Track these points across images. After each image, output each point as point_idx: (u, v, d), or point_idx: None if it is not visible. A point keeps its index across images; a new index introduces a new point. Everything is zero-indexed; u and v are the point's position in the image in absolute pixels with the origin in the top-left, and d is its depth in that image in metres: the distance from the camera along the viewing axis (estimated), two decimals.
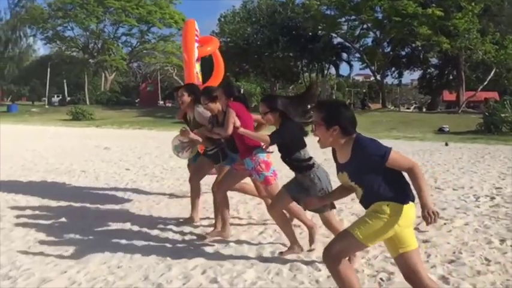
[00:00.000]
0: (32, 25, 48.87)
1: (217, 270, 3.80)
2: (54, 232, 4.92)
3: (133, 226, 5.12)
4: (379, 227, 2.66)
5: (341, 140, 2.77)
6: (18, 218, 5.52)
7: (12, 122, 29.97)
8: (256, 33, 36.91)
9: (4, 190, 7.08)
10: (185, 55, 5.90)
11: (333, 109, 2.82)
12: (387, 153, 2.63)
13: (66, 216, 5.58)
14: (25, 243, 4.53)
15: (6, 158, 10.84)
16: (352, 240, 2.70)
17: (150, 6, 43.83)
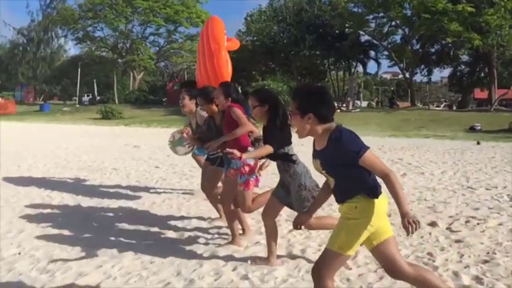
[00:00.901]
0: (63, 26, 49.96)
1: (247, 267, 3.84)
2: (89, 228, 5.06)
3: (165, 223, 5.21)
4: (353, 232, 2.58)
5: (318, 128, 2.65)
6: (53, 214, 5.70)
7: (44, 121, 30.78)
8: (282, 31, 36.82)
9: (40, 187, 7.32)
10: (213, 45, 5.88)
11: (306, 96, 2.69)
12: (362, 152, 2.49)
13: (99, 212, 5.73)
14: (61, 238, 4.67)
15: (41, 156, 11.16)
16: (332, 255, 2.61)
17: (177, 6, 44.28)
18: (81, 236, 4.75)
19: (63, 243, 4.48)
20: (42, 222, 5.30)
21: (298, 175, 3.72)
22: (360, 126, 20.24)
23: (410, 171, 8.85)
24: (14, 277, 3.71)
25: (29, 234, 4.80)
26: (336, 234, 2.64)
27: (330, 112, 2.65)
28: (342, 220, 2.65)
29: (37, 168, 9.30)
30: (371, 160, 2.51)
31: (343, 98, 39.09)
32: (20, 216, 5.56)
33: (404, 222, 2.40)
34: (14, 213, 5.67)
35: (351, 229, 2.59)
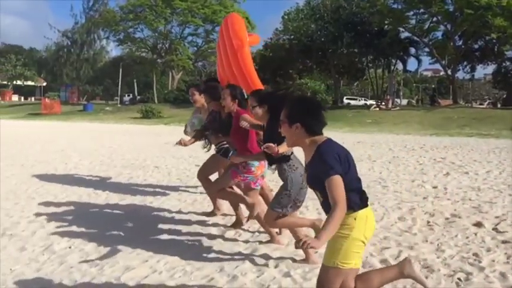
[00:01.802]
0: (105, 28, 51.23)
1: (289, 264, 3.88)
2: (134, 223, 5.22)
3: (207, 220, 5.31)
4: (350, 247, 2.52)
5: (306, 139, 2.62)
6: (100, 210, 5.91)
7: (88, 120, 31.76)
8: (320, 29, 36.55)
9: (86, 184, 7.60)
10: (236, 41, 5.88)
11: (295, 106, 2.68)
12: (327, 176, 2.42)
13: (143, 209, 5.89)
14: (108, 233, 4.84)
15: (86, 154, 11.54)
16: (333, 271, 2.54)
17: (215, 6, 44.68)
18: (127, 232, 4.90)
19: (110, 238, 4.64)
20: (89, 217, 5.52)
21: (290, 182, 3.72)
22: (400, 125, 19.91)
23: (453, 170, 8.65)
24: (66, 269, 3.88)
25: (78, 229, 5.00)
26: (332, 251, 2.57)
27: (318, 125, 2.62)
28: (336, 236, 2.50)
29: (83, 165, 9.64)
30: (331, 187, 2.41)
31: (382, 96, 38.45)
32: (69, 211, 5.79)
33: (302, 242, 2.28)
34: (63, 209, 5.91)
35: (349, 242, 2.52)
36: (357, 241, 2.53)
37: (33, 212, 5.75)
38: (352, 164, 2.64)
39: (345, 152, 2.61)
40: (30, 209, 5.94)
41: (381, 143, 13.76)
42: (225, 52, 6.05)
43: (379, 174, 8.12)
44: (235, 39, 5.77)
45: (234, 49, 5.79)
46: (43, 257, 4.16)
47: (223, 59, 6.23)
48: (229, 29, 5.93)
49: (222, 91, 4.46)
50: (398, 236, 4.54)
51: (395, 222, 5.02)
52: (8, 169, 9.13)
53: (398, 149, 12.11)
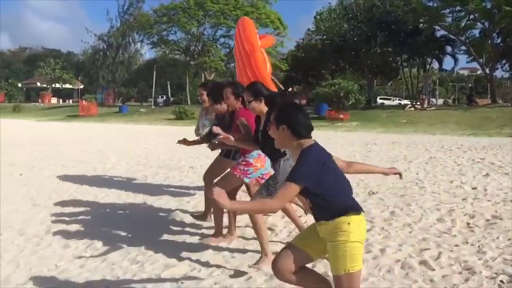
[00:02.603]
0: (139, 31, 52.16)
1: (326, 264, 3.86)
2: (172, 222, 5.32)
3: (243, 219, 5.35)
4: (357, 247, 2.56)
5: (292, 142, 2.67)
6: (139, 208, 6.05)
7: (123, 121, 32.43)
8: (353, 29, 36.22)
9: (125, 183, 7.79)
10: (248, 46, 5.84)
11: (282, 108, 2.75)
12: (291, 178, 2.50)
13: (181, 208, 5.98)
14: (147, 231, 4.96)
15: (123, 154, 11.81)
16: (349, 277, 2.56)
17: (247, 7, 44.84)
18: (165, 230, 5.00)
19: (150, 237, 4.75)
20: (128, 216, 5.66)
21: (278, 169, 3.72)
22: (436, 125, 19.51)
23: (493, 171, 8.42)
24: (108, 266, 3.99)
25: (118, 227, 5.14)
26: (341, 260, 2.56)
27: (303, 129, 2.65)
28: (336, 245, 2.57)
29: (120, 166, 9.87)
30: (288, 189, 2.50)
31: (417, 95, 37.74)
32: (109, 210, 5.96)
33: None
34: (103, 208, 6.09)
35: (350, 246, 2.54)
36: (356, 243, 2.56)
37: (75, 211, 5.94)
38: (334, 170, 2.64)
39: (323, 160, 2.59)
40: (72, 207, 6.15)
41: (416, 143, 13.51)
42: (240, 56, 6.07)
43: (416, 175, 7.99)
44: (247, 43, 5.77)
45: (247, 53, 5.80)
46: (86, 254, 4.30)
47: (239, 63, 6.26)
48: (241, 34, 5.95)
49: (224, 90, 4.39)
50: (437, 238, 4.47)
51: (434, 224, 4.94)
52: (50, 169, 9.45)
53: (435, 149, 11.87)
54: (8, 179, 8.42)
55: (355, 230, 2.55)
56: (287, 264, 2.73)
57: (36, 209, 6.10)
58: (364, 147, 12.57)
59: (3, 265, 4.11)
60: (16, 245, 4.63)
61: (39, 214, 5.83)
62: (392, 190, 6.74)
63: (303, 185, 2.51)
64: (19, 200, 6.68)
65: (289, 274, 2.74)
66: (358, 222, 2.59)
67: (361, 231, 2.61)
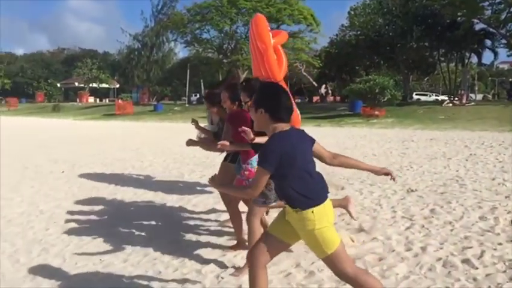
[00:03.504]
0: (173, 30, 52.84)
1: (366, 262, 3.85)
2: (210, 219, 5.39)
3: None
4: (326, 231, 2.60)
5: (270, 125, 2.65)
6: (176, 205, 6.15)
7: (158, 120, 32.93)
8: (388, 24, 35.59)
9: (162, 180, 7.95)
10: (260, 44, 5.77)
11: (260, 91, 2.77)
12: (259, 164, 2.58)
13: (217, 205, 6.05)
14: (186, 227, 5.05)
15: (160, 152, 12.01)
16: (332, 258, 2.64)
17: (279, 4, 44.68)
18: (203, 226, 5.08)
19: (188, 232, 4.84)
20: (167, 212, 5.78)
21: None
22: (475, 121, 18.97)
23: None
24: (150, 261, 4.09)
25: (157, 223, 5.25)
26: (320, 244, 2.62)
27: (281, 111, 2.64)
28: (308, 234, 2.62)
29: (157, 163, 10.05)
30: (258, 175, 2.57)
31: (455, 91, 36.77)
32: (148, 207, 6.09)
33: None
34: (143, 204, 6.23)
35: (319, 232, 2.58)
36: (325, 228, 2.59)
37: (115, 207, 6.10)
38: (301, 159, 2.61)
39: (286, 149, 2.55)
40: (112, 204, 6.32)
41: (455, 140, 13.17)
42: (255, 53, 6.02)
43: (456, 173, 7.80)
44: (260, 42, 5.66)
45: (260, 52, 5.70)
46: (129, 249, 4.41)
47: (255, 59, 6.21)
48: (254, 32, 5.89)
49: (222, 94, 4.32)
50: (480, 236, 4.37)
51: (476, 222, 4.83)
52: (90, 167, 9.72)
53: (475, 146, 11.54)
54: (51, 176, 8.72)
55: (320, 218, 2.57)
56: (263, 257, 2.78)
57: (78, 205, 6.30)
58: (401, 144, 12.35)
59: (50, 258, 4.27)
60: (61, 240, 4.79)
61: (81, 210, 6.02)
62: (431, 187, 6.61)
63: (267, 169, 2.53)
64: (62, 196, 6.91)
65: (262, 269, 2.78)
66: (323, 208, 2.60)
67: (328, 216, 2.62)
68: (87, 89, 66.42)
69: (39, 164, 10.26)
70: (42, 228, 5.26)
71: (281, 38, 6.41)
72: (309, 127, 20.84)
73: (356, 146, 12.21)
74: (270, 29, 6.12)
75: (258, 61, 5.87)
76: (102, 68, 67.37)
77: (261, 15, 6.32)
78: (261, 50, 5.62)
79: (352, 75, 39.74)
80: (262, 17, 6.07)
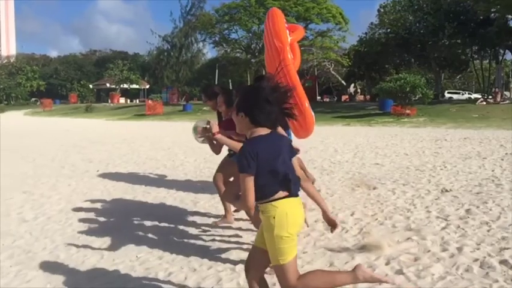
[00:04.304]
0: (201, 31, 53.32)
1: (401, 262, 3.82)
2: (241, 217, 5.42)
3: (312, 215, 5.37)
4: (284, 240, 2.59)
5: (248, 130, 2.66)
6: (208, 203, 6.23)
7: (188, 119, 33.24)
8: (418, 21, 34.99)
9: (194, 179, 8.06)
10: (277, 42, 5.53)
11: (242, 95, 2.76)
12: (240, 170, 2.54)
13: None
14: (219, 225, 5.10)
15: (190, 151, 12.16)
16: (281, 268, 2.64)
17: (307, 3, 44.50)
18: (236, 225, 5.13)
19: (222, 230, 4.90)
20: (201, 210, 5.85)
21: None
22: (510, 120, 18.46)
23: None
24: (185, 258, 4.16)
25: (191, 220, 5.33)
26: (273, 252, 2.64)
27: (262, 116, 2.61)
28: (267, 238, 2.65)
29: (189, 162, 10.19)
30: (242, 181, 2.53)
31: (488, 89, 35.86)
32: (182, 205, 6.19)
33: None
34: (177, 203, 6.34)
35: (278, 241, 2.59)
36: (282, 238, 2.57)
37: (149, 206, 6.24)
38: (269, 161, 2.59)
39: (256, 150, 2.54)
40: (146, 203, 6.45)
41: (490, 139, 12.86)
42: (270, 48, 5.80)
43: (492, 172, 7.63)
44: (277, 40, 5.53)
45: (276, 49, 5.57)
46: (163, 246, 4.50)
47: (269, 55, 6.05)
48: (270, 28, 5.69)
49: (218, 98, 4.32)
50: None
51: None
52: (123, 166, 9.94)
53: (510, 145, 11.25)
54: (86, 175, 8.95)
55: (279, 224, 2.57)
56: (254, 272, 2.81)
57: (114, 204, 6.46)
58: (434, 144, 12.15)
59: (88, 255, 4.40)
60: (99, 237, 4.92)
61: (116, 208, 6.18)
62: (466, 188, 6.49)
63: (247, 172, 2.52)
64: (98, 194, 7.09)
65: (256, 283, 2.81)
66: (285, 215, 2.58)
67: (288, 225, 2.58)
68: (118, 89, 67.65)
69: (75, 163, 10.54)
70: (80, 225, 5.42)
71: (298, 34, 6.25)
72: (338, 126, 20.71)
73: (387, 145, 12.07)
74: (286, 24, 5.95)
75: (273, 57, 5.76)
76: (132, 69, 68.51)
77: (277, 9, 6.10)
78: (278, 48, 5.50)
79: (382, 73, 39.24)
80: (278, 11, 5.91)
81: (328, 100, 49.44)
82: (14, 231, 5.26)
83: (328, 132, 17.53)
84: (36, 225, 5.50)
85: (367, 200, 5.99)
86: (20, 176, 9.04)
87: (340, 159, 9.76)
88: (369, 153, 10.66)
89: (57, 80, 78.83)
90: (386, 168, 8.44)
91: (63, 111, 49.82)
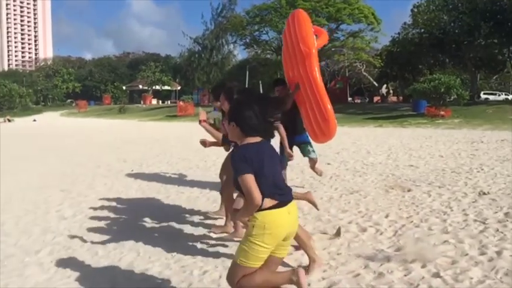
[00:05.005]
0: (232, 32, 53.63)
1: (437, 265, 3.75)
2: None
3: (346, 217, 5.34)
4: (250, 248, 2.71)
5: (240, 139, 2.83)
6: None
7: None
8: (453, 21, 34.17)
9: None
10: (303, 47, 5.39)
11: (233, 106, 2.96)
12: (237, 174, 2.66)
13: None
14: None
15: (223, 152, 12.22)
16: (237, 267, 2.77)
17: (339, 4, 44.15)
18: None
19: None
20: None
21: None
22: None
23: None
24: (219, 257, 4.20)
25: (223, 220, 5.37)
26: (239, 251, 2.78)
27: (248, 127, 2.78)
28: (244, 236, 2.81)
29: (220, 163, 10.21)
30: (243, 182, 2.63)
31: None
32: (216, 204, 6.24)
33: None
34: (210, 203, 6.41)
35: (249, 245, 2.72)
36: (255, 245, 2.70)
37: (183, 205, 6.32)
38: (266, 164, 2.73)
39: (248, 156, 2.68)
40: (180, 201, 6.55)
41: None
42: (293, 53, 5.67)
43: None
44: (303, 45, 5.38)
45: (302, 54, 5.43)
46: (198, 245, 4.56)
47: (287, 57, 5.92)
48: (296, 31, 5.56)
49: (220, 96, 4.31)
50: None
51: None
52: (157, 166, 10.11)
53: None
54: (121, 174, 9.14)
55: (257, 233, 2.69)
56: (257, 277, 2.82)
57: (148, 202, 6.59)
58: (470, 146, 11.86)
59: (125, 252, 4.50)
60: (134, 235, 5.02)
61: (151, 207, 6.30)
62: (505, 190, 6.32)
63: (246, 173, 2.63)
64: (133, 193, 7.24)
65: None
66: (263, 227, 2.68)
67: (264, 237, 2.68)
68: (151, 91, 68.77)
69: (110, 163, 10.79)
70: (117, 223, 5.55)
71: (323, 39, 6.10)
72: (370, 127, 20.48)
73: (421, 147, 11.86)
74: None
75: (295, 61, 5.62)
76: (164, 71, 69.48)
77: (302, 11, 5.92)
78: (304, 53, 5.40)
79: (415, 74, 38.50)
80: (304, 14, 5.76)
81: (360, 101, 48.92)
82: (54, 228, 5.43)
83: (360, 133, 17.36)
84: (74, 222, 5.66)
85: (401, 202, 5.90)
86: (58, 174, 9.32)
87: (373, 161, 9.65)
88: (402, 154, 10.50)
89: (91, 82, 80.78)
90: (420, 170, 8.30)
91: (97, 112, 50.99)
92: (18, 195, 7.44)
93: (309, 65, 5.44)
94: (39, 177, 9.17)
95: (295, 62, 5.72)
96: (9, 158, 12.55)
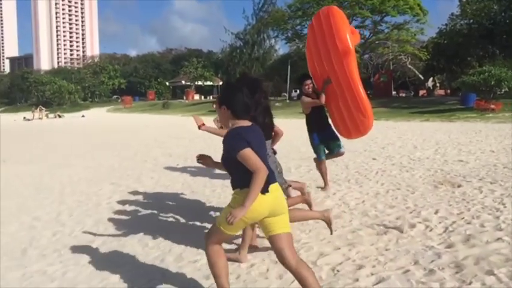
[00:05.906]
0: (274, 27, 53.53)
1: (491, 262, 3.66)
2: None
3: (393, 212, 5.26)
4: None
5: (230, 122, 2.89)
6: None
7: None
8: (504, 10, 32.86)
9: None
10: (341, 45, 5.36)
11: (223, 89, 3.04)
12: (237, 151, 2.72)
13: (327, 200, 6.08)
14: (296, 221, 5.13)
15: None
16: (214, 229, 3.02)
17: None
18: (315, 220, 5.13)
19: (300, 225, 4.92)
20: None
21: None
22: None
23: None
24: (267, 251, 4.24)
25: None
26: (222, 215, 2.96)
27: (240, 109, 2.85)
28: (228, 206, 2.96)
29: None
30: (245, 158, 2.71)
31: None
32: None
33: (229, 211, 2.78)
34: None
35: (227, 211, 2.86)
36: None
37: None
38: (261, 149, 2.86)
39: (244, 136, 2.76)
40: (226, 195, 6.62)
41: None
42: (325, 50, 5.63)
43: None
44: (340, 43, 5.38)
45: (338, 52, 5.42)
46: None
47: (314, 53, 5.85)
48: (332, 27, 5.50)
49: None
50: None
51: None
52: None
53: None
54: (167, 168, 9.35)
55: (237, 206, 2.76)
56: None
57: (195, 196, 6.72)
58: None
59: (174, 244, 4.61)
60: (182, 227, 5.16)
61: (199, 201, 6.41)
62: None
63: (244, 148, 2.71)
64: (179, 187, 7.40)
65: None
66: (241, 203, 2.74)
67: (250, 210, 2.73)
68: (193, 86, 69.72)
69: (156, 157, 11.05)
70: (164, 216, 5.69)
71: (356, 39, 6.04)
72: (416, 122, 20.00)
73: (471, 142, 11.48)
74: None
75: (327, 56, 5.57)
76: (206, 67, 70.28)
77: (336, 8, 5.86)
78: (340, 51, 5.42)
79: (464, 66, 37.21)
80: (339, 11, 5.73)
81: (405, 95, 47.80)
82: (105, 220, 5.63)
83: (406, 127, 16.99)
84: (124, 215, 5.85)
85: (451, 198, 5.75)
86: (108, 168, 9.64)
87: (420, 156, 9.43)
88: (451, 149, 10.20)
89: (136, 78, 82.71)
90: (471, 165, 8.04)
91: (142, 107, 52.24)
92: (71, 187, 7.75)
93: (347, 64, 5.46)
94: (90, 171, 9.51)
95: (326, 58, 5.71)
96: (61, 153, 13.08)
